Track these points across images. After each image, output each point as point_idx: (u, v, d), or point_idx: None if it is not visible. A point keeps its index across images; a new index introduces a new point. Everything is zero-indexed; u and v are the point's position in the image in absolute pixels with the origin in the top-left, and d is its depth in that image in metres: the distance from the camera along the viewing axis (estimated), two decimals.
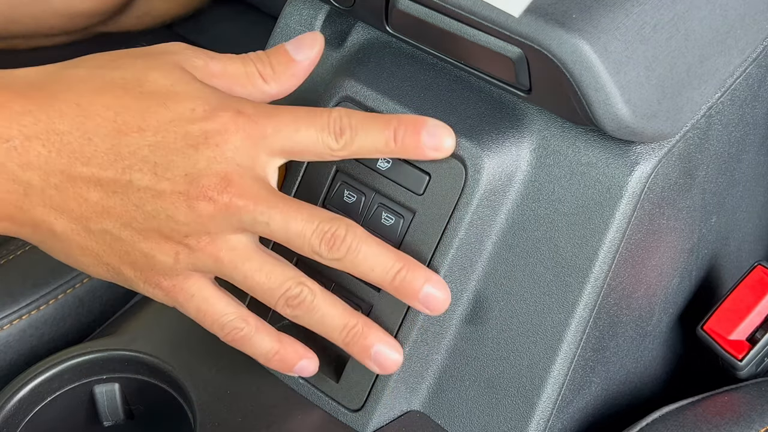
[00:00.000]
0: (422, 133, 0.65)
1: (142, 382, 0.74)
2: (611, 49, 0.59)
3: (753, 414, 0.69)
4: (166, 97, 0.62)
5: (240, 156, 0.63)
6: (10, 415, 0.72)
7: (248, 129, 0.63)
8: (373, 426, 0.69)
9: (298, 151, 0.65)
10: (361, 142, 0.65)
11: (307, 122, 0.64)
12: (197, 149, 0.62)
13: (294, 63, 0.67)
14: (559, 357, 0.67)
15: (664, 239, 0.69)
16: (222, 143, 0.62)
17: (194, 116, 0.62)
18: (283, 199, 0.64)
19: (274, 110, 0.64)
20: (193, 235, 0.63)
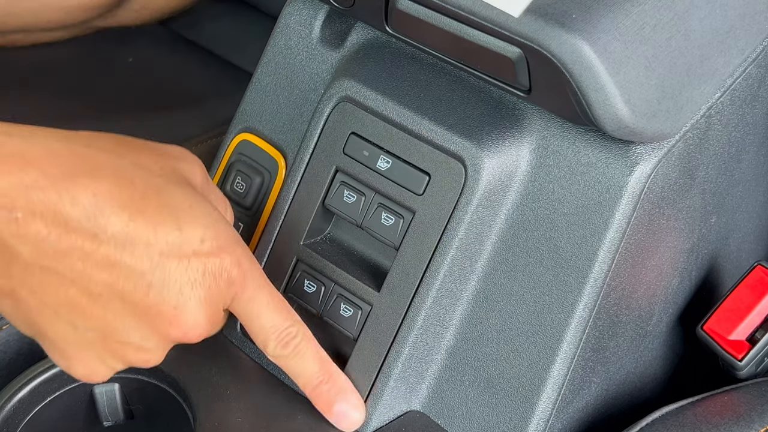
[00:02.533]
0: (337, 402, 0.68)
1: (142, 382, 0.74)
2: (611, 49, 0.59)
3: (753, 414, 0.69)
4: (181, 220, 0.61)
5: (219, 301, 0.64)
6: (10, 415, 0.72)
7: (235, 284, 0.64)
8: (373, 426, 0.69)
9: (244, 322, 0.66)
10: (293, 363, 0.67)
11: (270, 316, 0.66)
12: (192, 288, 0.62)
13: None
14: (559, 357, 0.67)
15: (664, 239, 0.69)
16: (213, 288, 0.62)
17: (201, 249, 0.62)
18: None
19: (262, 283, 0.65)
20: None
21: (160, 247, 0.60)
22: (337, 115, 0.72)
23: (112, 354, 0.62)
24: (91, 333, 0.61)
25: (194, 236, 0.61)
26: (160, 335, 0.62)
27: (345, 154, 0.71)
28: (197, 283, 0.61)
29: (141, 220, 0.60)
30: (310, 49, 0.77)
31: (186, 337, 0.63)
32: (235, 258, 0.63)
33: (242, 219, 0.78)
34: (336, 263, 0.71)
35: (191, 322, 0.62)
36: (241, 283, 0.63)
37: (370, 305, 0.70)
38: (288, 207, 0.74)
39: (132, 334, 0.61)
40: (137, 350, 0.62)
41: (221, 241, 0.62)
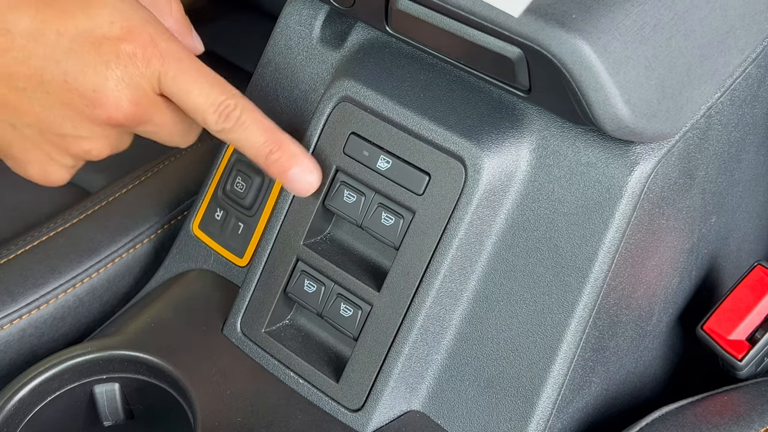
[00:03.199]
0: (291, 168, 0.68)
1: (142, 382, 0.74)
2: (611, 49, 0.59)
3: (753, 414, 0.69)
4: (88, 4, 0.63)
5: (142, 81, 0.64)
6: (10, 415, 0.72)
7: (153, 63, 0.64)
8: (373, 426, 0.69)
9: (180, 104, 0.66)
10: (237, 136, 0.67)
11: (203, 91, 0.65)
12: (107, 68, 0.63)
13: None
14: (559, 357, 0.67)
15: (664, 239, 0.69)
16: (131, 68, 0.63)
17: (111, 31, 0.63)
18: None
19: (184, 58, 0.65)
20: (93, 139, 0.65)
21: (70, 34, 0.62)
22: (337, 115, 0.72)
23: (55, 148, 0.65)
24: (27, 129, 0.64)
25: (103, 19, 0.63)
26: (89, 119, 0.64)
27: (345, 154, 0.71)
28: (111, 63, 0.63)
29: (49, 11, 0.62)
30: (310, 49, 0.77)
31: (112, 117, 0.64)
32: (148, 36, 0.64)
33: (242, 219, 0.78)
34: (336, 263, 0.71)
35: (113, 102, 0.63)
36: (160, 60, 0.64)
37: (370, 305, 0.70)
38: (288, 207, 0.74)
39: (63, 124, 0.64)
40: (75, 140, 0.64)
41: (132, 21, 0.63)
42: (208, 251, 0.80)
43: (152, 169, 0.90)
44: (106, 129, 0.65)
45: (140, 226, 0.85)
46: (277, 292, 0.73)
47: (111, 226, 0.85)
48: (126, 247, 0.84)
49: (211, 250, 0.80)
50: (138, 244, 0.85)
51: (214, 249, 0.80)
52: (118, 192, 0.87)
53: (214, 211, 0.80)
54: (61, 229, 0.84)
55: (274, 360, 0.73)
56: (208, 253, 0.80)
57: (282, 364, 0.72)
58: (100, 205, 0.86)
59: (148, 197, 0.87)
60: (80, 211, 0.85)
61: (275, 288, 0.73)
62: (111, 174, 0.91)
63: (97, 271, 0.83)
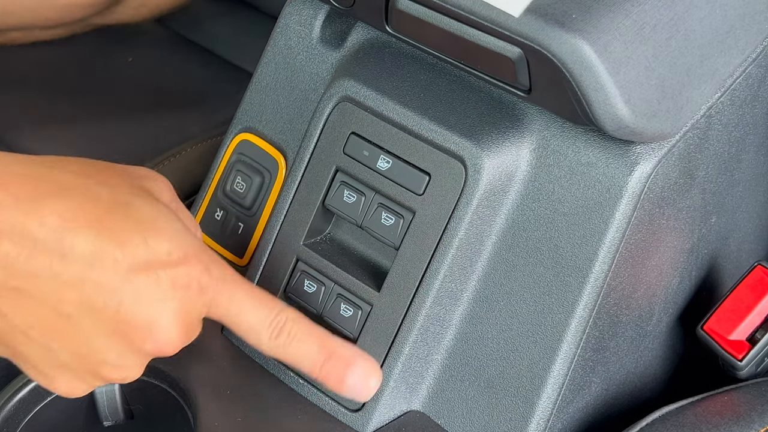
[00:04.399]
0: (347, 375, 0.64)
1: (142, 382, 0.74)
2: (611, 49, 0.59)
3: (753, 414, 0.69)
4: (146, 233, 0.61)
5: (193, 311, 0.63)
6: (10, 415, 0.72)
7: (208, 291, 0.63)
8: (373, 426, 0.69)
9: (231, 325, 0.65)
10: (291, 351, 0.64)
11: (253, 311, 0.64)
12: (164, 301, 0.61)
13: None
14: (559, 357, 0.67)
15: (664, 239, 0.69)
16: (185, 299, 0.62)
17: (169, 261, 0.61)
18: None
19: (235, 281, 0.64)
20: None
21: (128, 263, 0.60)
22: (337, 115, 0.72)
23: (89, 372, 0.62)
24: (65, 354, 0.61)
25: (161, 249, 0.61)
26: (136, 351, 0.62)
27: (345, 154, 0.71)
28: (168, 295, 0.61)
29: (107, 236, 0.60)
30: (310, 49, 0.77)
31: (161, 351, 0.62)
32: (203, 265, 0.62)
33: (242, 219, 0.78)
34: (336, 263, 0.71)
35: (166, 337, 0.61)
36: (214, 288, 0.63)
37: (370, 305, 0.70)
38: (288, 207, 0.74)
39: (107, 353, 0.61)
40: (114, 368, 0.62)
41: (187, 250, 0.62)
42: None
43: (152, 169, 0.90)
44: (149, 358, 0.63)
45: None
46: (277, 292, 0.73)
47: None
48: None
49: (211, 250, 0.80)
50: None
51: (214, 249, 0.80)
52: None
53: (214, 211, 0.80)
54: None
55: (274, 360, 0.73)
56: None
57: (282, 364, 0.72)
58: None
59: None
60: None
61: (275, 288, 0.73)
62: None
63: None
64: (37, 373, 0.63)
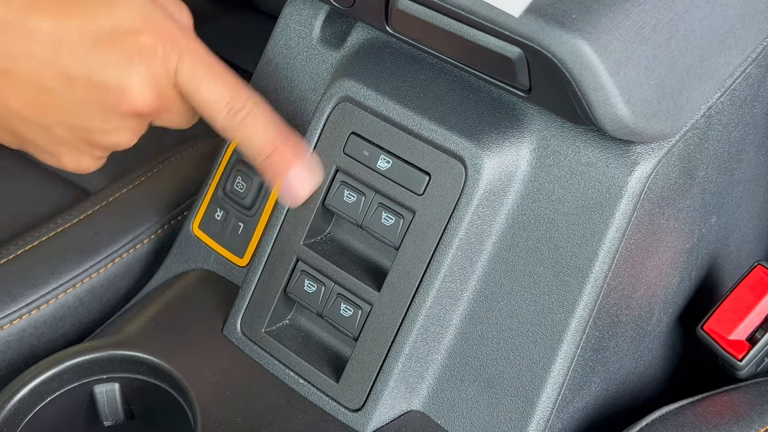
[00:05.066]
0: (288, 171, 0.68)
1: (142, 382, 0.74)
2: (611, 49, 0.59)
3: (753, 414, 0.69)
4: (110, 4, 0.64)
5: (161, 75, 0.65)
6: (10, 415, 0.72)
7: (172, 58, 0.65)
8: (373, 426, 0.69)
9: (190, 98, 0.67)
10: (240, 134, 0.67)
11: (215, 86, 0.66)
12: (131, 64, 0.64)
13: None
14: (559, 357, 0.67)
15: (664, 239, 0.69)
16: (152, 62, 0.64)
17: (132, 28, 0.64)
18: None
19: (200, 54, 0.66)
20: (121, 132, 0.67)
21: (93, 33, 0.63)
22: (337, 115, 0.72)
23: (86, 142, 0.66)
24: (58, 127, 0.65)
25: (125, 17, 0.64)
26: (116, 113, 0.65)
27: (345, 154, 0.71)
28: (135, 60, 0.64)
29: (70, 12, 0.63)
30: (310, 49, 0.77)
31: (138, 110, 0.65)
32: (168, 33, 0.65)
33: (242, 219, 0.78)
34: (336, 263, 0.71)
35: (138, 96, 0.64)
36: (178, 55, 0.65)
37: (370, 305, 0.70)
38: (288, 207, 0.74)
39: (92, 119, 0.65)
40: (104, 133, 0.66)
41: (151, 19, 0.65)
42: (208, 251, 0.80)
43: (152, 169, 0.90)
44: (132, 120, 0.66)
45: (140, 226, 0.85)
46: (277, 292, 0.73)
47: (111, 226, 0.85)
48: (126, 247, 0.84)
49: (211, 250, 0.80)
50: (138, 244, 0.85)
51: (214, 249, 0.80)
52: (118, 192, 0.87)
53: (214, 211, 0.80)
54: (61, 229, 0.84)
55: (274, 360, 0.73)
56: (208, 253, 0.80)
57: (282, 364, 0.72)
58: (100, 205, 0.86)
59: (148, 197, 0.87)
60: (80, 211, 0.85)
61: (275, 288, 0.73)
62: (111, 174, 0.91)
63: (97, 271, 0.83)
64: (43, 153, 0.67)
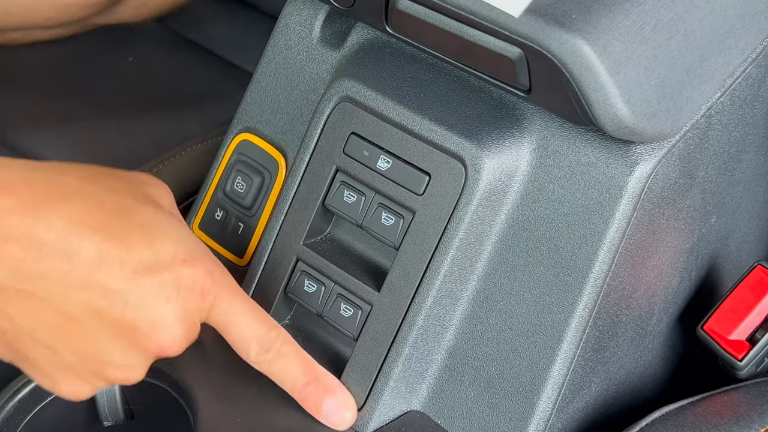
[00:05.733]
0: (325, 400, 0.68)
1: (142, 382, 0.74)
2: (611, 49, 0.59)
3: (753, 414, 0.69)
4: (151, 236, 0.62)
5: (195, 313, 0.64)
6: (10, 415, 0.72)
7: (209, 295, 0.64)
8: (373, 426, 0.69)
9: (224, 333, 0.67)
10: (277, 368, 0.68)
11: (248, 324, 0.66)
12: (168, 302, 0.62)
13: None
14: (559, 357, 0.67)
15: (664, 239, 0.69)
16: (189, 301, 0.63)
17: (173, 263, 0.62)
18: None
19: (235, 291, 0.66)
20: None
21: (134, 265, 0.61)
22: (337, 115, 0.72)
23: (93, 373, 0.63)
24: (70, 355, 0.62)
25: (166, 252, 0.62)
26: (140, 352, 0.63)
27: (345, 154, 0.71)
28: (172, 297, 0.62)
29: (113, 240, 0.61)
30: (310, 49, 0.77)
31: (165, 351, 0.63)
32: (207, 269, 0.64)
33: (242, 219, 0.78)
34: (336, 263, 0.71)
35: (169, 337, 0.63)
36: (216, 293, 0.64)
37: (370, 305, 0.70)
38: (288, 207, 0.74)
39: (112, 354, 0.62)
40: (118, 368, 0.63)
41: (192, 254, 0.63)
42: None
43: (152, 169, 0.90)
44: (152, 358, 0.64)
45: None
46: (277, 292, 0.73)
47: None
48: None
49: (211, 250, 0.80)
50: None
51: (214, 249, 0.80)
52: None
53: (214, 211, 0.80)
54: None
55: None
56: None
57: None
58: None
59: None
60: None
61: (275, 288, 0.73)
62: None
63: None
64: (41, 375, 0.63)
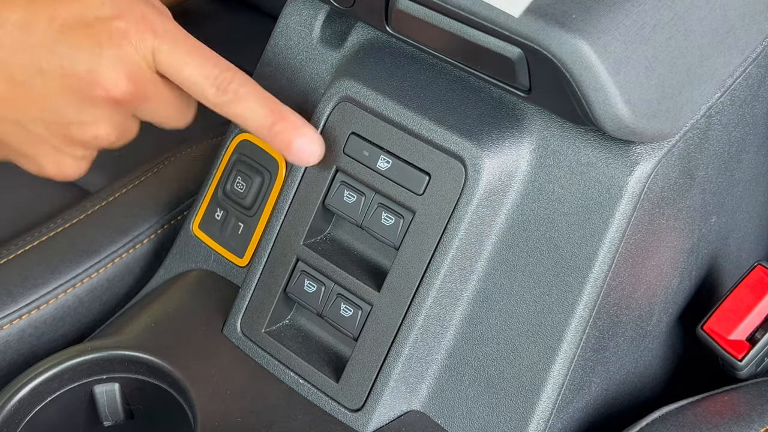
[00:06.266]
0: (295, 138, 0.67)
1: (142, 382, 0.74)
2: (611, 49, 0.59)
3: (753, 414, 0.69)
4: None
5: (136, 58, 0.64)
6: (10, 415, 0.72)
7: (146, 40, 0.64)
8: (373, 426, 0.69)
9: (176, 80, 0.66)
10: (238, 109, 0.66)
11: (198, 64, 0.65)
12: (101, 48, 0.63)
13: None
14: (559, 357, 0.67)
15: (664, 239, 0.69)
16: (124, 43, 0.63)
17: (102, 12, 0.63)
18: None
19: (177, 34, 0.65)
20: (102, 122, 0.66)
21: (62, 19, 0.62)
22: (337, 115, 0.72)
23: (63, 139, 0.65)
24: (32, 124, 0.64)
25: (94, 2, 0.63)
26: (90, 102, 0.64)
27: (345, 154, 0.71)
28: (105, 43, 0.63)
29: (41, 1, 0.63)
30: (310, 49, 0.77)
31: (112, 96, 0.64)
32: (139, 13, 0.64)
33: (242, 219, 0.78)
34: (336, 263, 0.71)
35: (111, 80, 0.63)
36: (153, 35, 0.64)
37: (370, 305, 0.70)
38: (288, 207, 0.74)
39: (66, 111, 0.64)
40: (80, 126, 0.64)
41: (121, 4, 0.64)
42: (208, 251, 0.80)
43: (152, 169, 0.90)
44: (108, 110, 0.65)
45: (140, 226, 0.85)
46: (277, 292, 0.73)
47: (111, 226, 0.85)
48: (126, 247, 0.84)
49: (211, 250, 0.80)
50: (138, 244, 0.85)
51: (214, 249, 0.80)
52: (118, 192, 0.87)
53: (214, 211, 0.80)
54: (60, 229, 0.84)
55: (274, 360, 0.73)
56: (208, 253, 0.80)
57: (282, 364, 0.72)
58: (100, 205, 0.86)
59: (148, 197, 0.87)
60: (80, 211, 0.85)
61: (275, 288, 0.73)
62: (111, 174, 0.91)
63: (97, 271, 0.83)
64: (24, 158, 0.66)
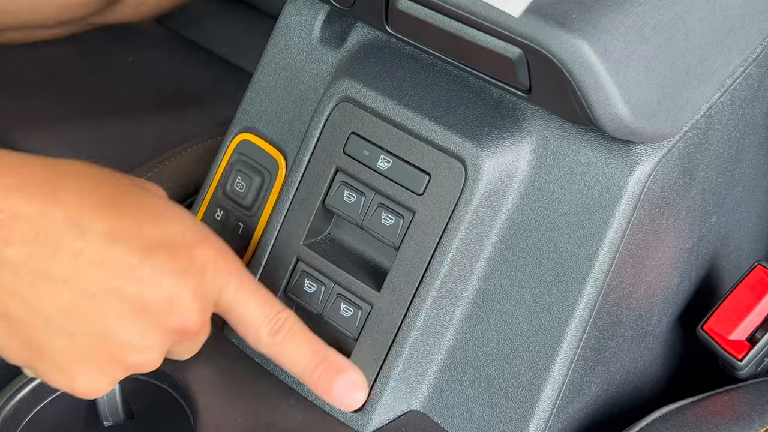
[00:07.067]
0: (336, 380, 0.67)
1: (142, 382, 0.74)
2: (611, 49, 0.59)
3: (753, 414, 0.69)
4: (161, 215, 0.62)
5: (208, 292, 0.64)
6: (10, 415, 0.72)
7: (220, 276, 0.64)
8: (373, 426, 0.69)
9: (233, 317, 0.66)
10: (287, 350, 0.67)
11: (257, 305, 0.66)
12: (182, 277, 0.62)
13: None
14: (559, 357, 0.67)
15: (664, 239, 0.69)
16: (201, 275, 0.63)
17: (184, 241, 0.62)
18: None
19: (244, 272, 0.66)
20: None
21: (147, 240, 0.60)
22: (337, 115, 0.72)
23: (111, 359, 0.62)
24: (87, 338, 0.60)
25: (177, 230, 0.62)
26: (158, 330, 0.62)
27: (345, 153, 0.71)
28: (187, 272, 0.62)
29: (125, 216, 0.61)
30: (310, 49, 0.77)
31: (184, 326, 0.63)
32: (218, 249, 0.64)
33: (242, 219, 0.78)
34: (336, 263, 0.71)
35: (187, 311, 0.62)
36: (226, 274, 0.64)
37: (370, 305, 0.70)
38: (288, 207, 0.74)
39: (130, 332, 0.61)
40: (136, 351, 0.62)
41: (202, 234, 0.64)
42: None
43: (152, 169, 0.90)
44: (170, 339, 0.63)
45: None
46: (277, 292, 0.73)
47: None
48: None
49: None
50: None
51: None
52: None
53: (214, 211, 0.80)
54: None
55: None
56: None
57: None
58: None
59: None
60: None
61: (275, 288, 0.73)
62: None
63: None
64: (56, 371, 0.61)
